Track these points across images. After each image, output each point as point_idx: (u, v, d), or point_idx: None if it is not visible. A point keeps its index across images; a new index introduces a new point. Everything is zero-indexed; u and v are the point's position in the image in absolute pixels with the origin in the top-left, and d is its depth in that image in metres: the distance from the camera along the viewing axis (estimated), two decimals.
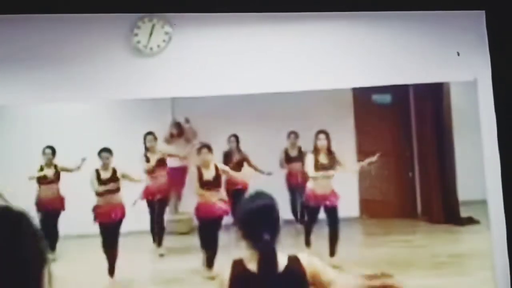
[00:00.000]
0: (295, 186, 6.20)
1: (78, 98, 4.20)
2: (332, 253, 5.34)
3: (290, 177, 6.36)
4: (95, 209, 5.24)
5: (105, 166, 5.33)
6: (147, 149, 5.95)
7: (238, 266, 2.04)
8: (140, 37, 3.95)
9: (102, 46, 3.95)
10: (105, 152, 5.34)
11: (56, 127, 5.93)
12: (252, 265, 2.02)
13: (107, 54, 3.96)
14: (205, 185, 5.20)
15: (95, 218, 5.23)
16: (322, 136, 5.49)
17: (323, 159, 5.44)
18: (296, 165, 6.26)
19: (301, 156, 6.13)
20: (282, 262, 2.04)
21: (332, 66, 4.07)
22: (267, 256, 1.99)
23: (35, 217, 1.34)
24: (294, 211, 6.27)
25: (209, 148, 5.29)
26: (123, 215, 5.28)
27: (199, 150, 5.32)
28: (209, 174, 5.23)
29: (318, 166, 5.42)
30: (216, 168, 5.27)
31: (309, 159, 5.48)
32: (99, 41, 3.94)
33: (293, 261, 2.06)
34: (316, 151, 5.48)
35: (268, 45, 4.02)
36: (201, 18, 3.89)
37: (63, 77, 3.90)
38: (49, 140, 5.76)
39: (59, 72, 3.90)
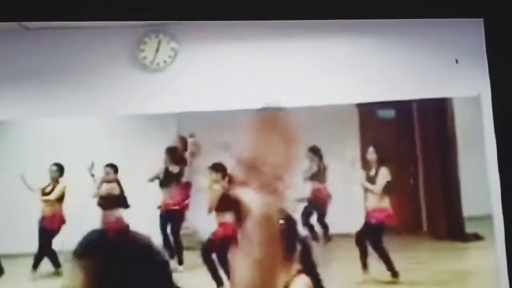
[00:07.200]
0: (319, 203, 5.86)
1: (83, 113, 4.23)
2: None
3: (315, 193, 5.91)
4: None
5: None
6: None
7: None
8: (147, 53, 4.00)
9: (109, 61, 4.00)
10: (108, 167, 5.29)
11: (60, 142, 5.91)
12: None
13: (113, 69, 4.01)
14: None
15: None
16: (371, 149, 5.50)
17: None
18: (318, 181, 5.93)
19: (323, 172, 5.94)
20: None
21: (336, 81, 4.11)
22: None
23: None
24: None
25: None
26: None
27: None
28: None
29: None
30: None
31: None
32: (105, 57, 3.99)
33: None
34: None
35: (273, 61, 4.06)
36: (207, 34, 3.94)
37: (69, 92, 3.94)
38: (52, 154, 5.73)
39: (65, 87, 3.94)
